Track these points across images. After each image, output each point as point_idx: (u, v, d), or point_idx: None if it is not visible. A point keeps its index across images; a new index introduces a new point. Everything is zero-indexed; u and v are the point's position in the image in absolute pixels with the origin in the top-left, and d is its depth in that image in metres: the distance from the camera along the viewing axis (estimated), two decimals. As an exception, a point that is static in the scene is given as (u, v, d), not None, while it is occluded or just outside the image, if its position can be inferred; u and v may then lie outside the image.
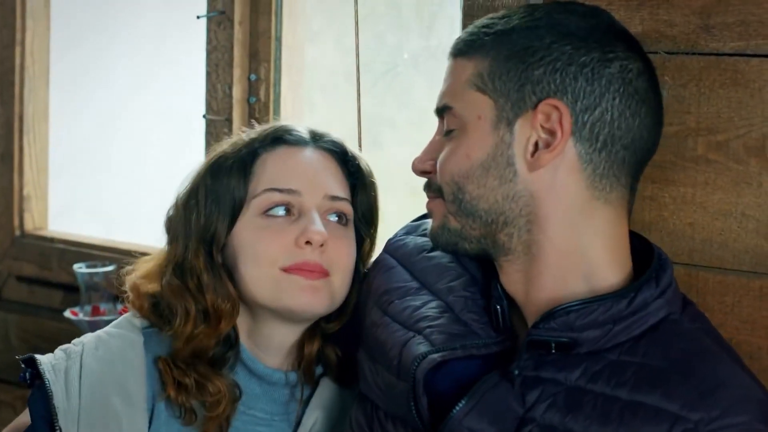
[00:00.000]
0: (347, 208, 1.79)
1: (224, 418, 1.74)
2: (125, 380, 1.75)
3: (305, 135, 1.80)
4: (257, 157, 1.78)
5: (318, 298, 1.73)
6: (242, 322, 1.79)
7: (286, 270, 1.72)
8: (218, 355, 1.77)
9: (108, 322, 2.07)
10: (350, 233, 1.79)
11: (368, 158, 1.86)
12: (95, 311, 2.53)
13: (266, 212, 1.75)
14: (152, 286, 1.80)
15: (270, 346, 1.79)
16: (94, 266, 2.55)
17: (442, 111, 1.61)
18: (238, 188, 1.75)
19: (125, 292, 1.83)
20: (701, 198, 1.73)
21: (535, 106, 1.52)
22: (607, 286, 1.55)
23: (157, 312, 1.79)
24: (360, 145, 2.22)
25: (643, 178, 1.72)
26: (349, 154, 1.82)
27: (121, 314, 1.89)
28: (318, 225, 1.72)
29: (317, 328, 1.80)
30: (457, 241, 1.60)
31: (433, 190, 1.63)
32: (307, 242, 1.71)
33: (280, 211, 1.74)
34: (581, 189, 1.54)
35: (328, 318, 1.79)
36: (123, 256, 2.53)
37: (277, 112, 2.41)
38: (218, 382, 1.74)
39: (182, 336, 1.75)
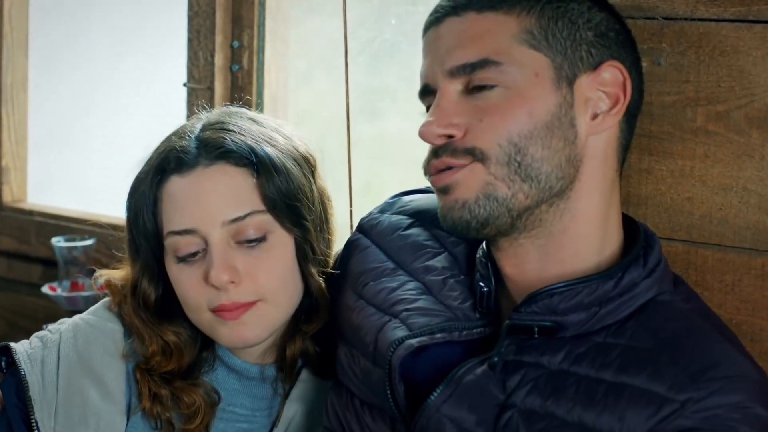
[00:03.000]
0: (255, 222, 1.65)
1: (203, 428, 1.71)
2: (103, 373, 1.71)
3: (192, 154, 1.65)
4: (159, 191, 1.68)
5: (251, 331, 1.66)
6: None
7: (213, 311, 1.66)
8: (194, 360, 1.73)
9: (86, 298, 2.02)
10: (270, 246, 1.66)
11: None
12: (74, 286, 2.50)
13: (177, 256, 1.67)
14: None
15: (245, 349, 1.75)
16: (73, 240, 2.52)
17: (474, 67, 1.47)
18: (150, 228, 1.68)
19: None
20: (700, 171, 1.69)
21: (596, 68, 1.48)
22: (605, 262, 1.51)
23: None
24: (348, 116, 2.17)
25: (640, 150, 1.71)
26: (246, 149, 1.65)
27: (99, 290, 1.84)
28: (216, 267, 1.62)
29: (297, 329, 1.73)
30: (499, 214, 1.46)
31: (460, 153, 1.47)
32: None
33: (190, 251, 1.66)
34: (616, 161, 1.53)
35: (308, 319, 1.72)
36: (103, 230, 2.51)
37: (260, 80, 2.38)
38: (194, 394, 1.70)
39: (149, 358, 1.72)
